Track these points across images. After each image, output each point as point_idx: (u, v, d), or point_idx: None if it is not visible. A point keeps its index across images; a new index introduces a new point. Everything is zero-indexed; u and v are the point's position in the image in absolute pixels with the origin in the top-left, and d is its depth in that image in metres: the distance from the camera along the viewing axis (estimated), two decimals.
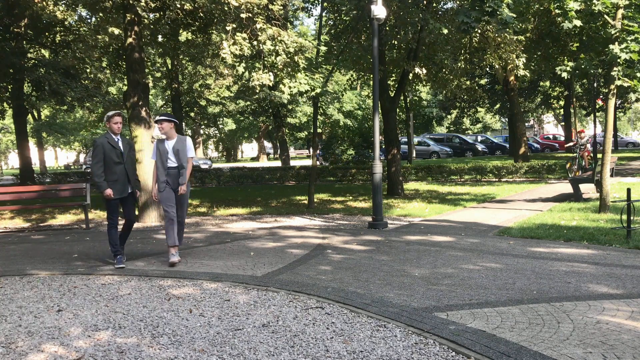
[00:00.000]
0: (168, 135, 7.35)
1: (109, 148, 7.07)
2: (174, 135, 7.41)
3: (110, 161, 7.07)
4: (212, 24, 15.07)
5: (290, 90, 10.76)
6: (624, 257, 6.87)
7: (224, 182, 23.94)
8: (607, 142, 10.68)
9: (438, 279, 5.97)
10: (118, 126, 7.17)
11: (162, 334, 4.44)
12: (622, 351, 3.71)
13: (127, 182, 7.26)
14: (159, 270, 6.93)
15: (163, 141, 7.36)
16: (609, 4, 9.68)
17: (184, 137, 7.43)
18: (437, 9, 15.80)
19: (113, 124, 7.16)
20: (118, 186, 7.15)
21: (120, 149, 7.17)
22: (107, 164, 7.06)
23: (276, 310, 4.99)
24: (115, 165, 7.10)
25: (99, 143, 7.10)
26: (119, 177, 7.15)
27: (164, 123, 7.32)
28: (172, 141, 7.34)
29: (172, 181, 7.24)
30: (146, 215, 12.19)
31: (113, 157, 7.08)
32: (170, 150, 7.27)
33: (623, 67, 10.15)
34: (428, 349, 3.94)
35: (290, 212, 13.25)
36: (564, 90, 39.28)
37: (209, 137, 61.38)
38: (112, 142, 7.14)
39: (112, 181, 7.08)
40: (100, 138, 7.18)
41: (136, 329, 4.57)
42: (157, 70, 28.30)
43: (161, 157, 7.28)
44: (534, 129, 73.16)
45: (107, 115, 7.22)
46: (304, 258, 7.46)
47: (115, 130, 7.16)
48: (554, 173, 20.25)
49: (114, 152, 7.10)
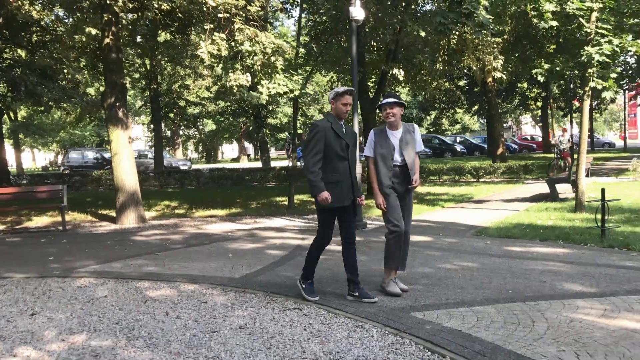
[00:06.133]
0: (394, 125, 5.47)
1: (332, 136, 5.14)
2: (400, 124, 5.53)
3: (333, 155, 5.15)
4: (191, 25, 15.00)
5: (268, 92, 10.75)
6: (598, 256, 6.97)
7: (204, 183, 23.80)
8: (583, 142, 10.82)
9: (415, 279, 6.01)
10: (348, 109, 5.24)
11: (138, 336, 4.41)
12: (595, 349, 3.77)
13: (351, 185, 5.29)
14: (136, 272, 6.87)
15: (384, 131, 5.49)
16: (583, 7, 9.82)
17: (411, 125, 5.60)
18: (416, 11, 15.90)
19: (341, 104, 5.20)
20: (340, 190, 5.18)
21: (346, 139, 5.23)
22: (328, 158, 5.14)
23: (253, 312, 4.98)
24: (338, 161, 5.18)
25: (321, 128, 5.14)
26: (342, 177, 5.21)
27: (395, 107, 5.41)
28: (397, 131, 5.47)
29: (399, 185, 5.44)
30: (124, 216, 12.08)
31: (337, 149, 5.15)
32: (397, 143, 5.42)
33: (598, 69, 10.30)
34: (404, 348, 3.96)
35: (270, 213, 13.23)
36: (542, 92, 39.79)
37: (189, 138, 61.05)
38: (338, 129, 5.20)
39: (332, 183, 5.14)
40: (322, 121, 5.23)
41: (111, 332, 4.53)
42: (136, 71, 28.07)
43: (383, 153, 5.40)
44: (512, 130, 73.92)
45: (335, 91, 5.26)
46: (283, 259, 7.45)
47: (343, 114, 5.24)
48: (531, 173, 20.48)
49: (339, 142, 5.17)
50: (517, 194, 15.30)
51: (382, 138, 5.44)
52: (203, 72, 28.94)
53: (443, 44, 15.99)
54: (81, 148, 41.98)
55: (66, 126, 42.17)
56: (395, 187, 5.40)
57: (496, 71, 15.58)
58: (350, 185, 5.25)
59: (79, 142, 53.81)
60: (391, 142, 5.39)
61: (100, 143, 53.01)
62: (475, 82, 31.55)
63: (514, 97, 45.44)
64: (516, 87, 40.76)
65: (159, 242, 9.50)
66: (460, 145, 43.63)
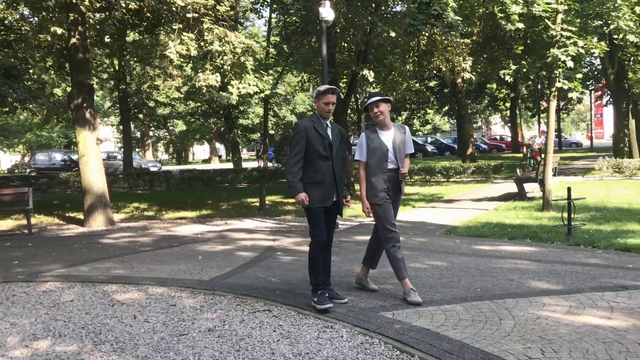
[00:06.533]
0: (384, 124, 5.22)
1: (314, 136, 5.04)
2: (390, 123, 5.29)
3: (315, 155, 5.02)
4: (160, 24, 14.85)
5: (238, 92, 10.69)
6: (564, 254, 7.09)
7: (174, 185, 23.56)
8: (549, 142, 11.01)
9: (385, 279, 6.03)
10: (330, 108, 5.11)
11: (105, 341, 4.33)
12: (559, 345, 3.83)
13: (334, 185, 5.13)
14: (103, 275, 6.76)
15: (375, 132, 5.24)
16: (549, 9, 10.00)
17: (402, 126, 5.38)
18: (386, 12, 15.99)
19: (323, 103, 5.09)
20: (322, 190, 5.05)
21: (329, 138, 5.10)
22: (310, 158, 5.02)
23: (223, 314, 4.94)
24: (321, 161, 5.05)
25: (302, 127, 5.06)
26: (325, 177, 5.07)
27: (381, 105, 5.16)
28: (389, 132, 5.22)
29: (392, 189, 5.21)
30: (92, 219, 11.88)
31: (319, 148, 5.03)
32: (390, 145, 5.16)
33: (563, 70, 10.50)
34: (373, 348, 3.97)
35: (241, 214, 13.15)
36: (510, 92, 40.39)
37: (159, 139, 60.37)
38: (320, 128, 5.09)
39: (314, 183, 5.02)
40: (304, 121, 5.16)
41: (77, 337, 4.44)
42: (104, 71, 27.68)
43: (376, 156, 5.14)
44: (482, 130, 74.86)
45: (317, 90, 5.17)
46: (253, 261, 7.41)
47: (325, 113, 5.12)
48: (500, 173, 20.76)
49: (321, 142, 5.06)
50: (486, 193, 15.50)
51: (374, 140, 5.17)
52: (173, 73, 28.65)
53: (413, 45, 16.11)
54: (48, 150, 41.23)
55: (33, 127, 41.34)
56: (389, 193, 5.17)
57: (465, 72, 15.74)
58: (334, 186, 5.09)
59: (46, 144, 52.81)
60: (384, 144, 5.14)
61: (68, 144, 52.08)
62: (445, 83, 31.86)
63: (483, 98, 46.06)
64: (485, 87, 41.32)
65: (127, 244, 9.37)
66: (431, 145, 44.08)
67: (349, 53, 17.18)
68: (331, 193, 5.08)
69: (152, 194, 20.31)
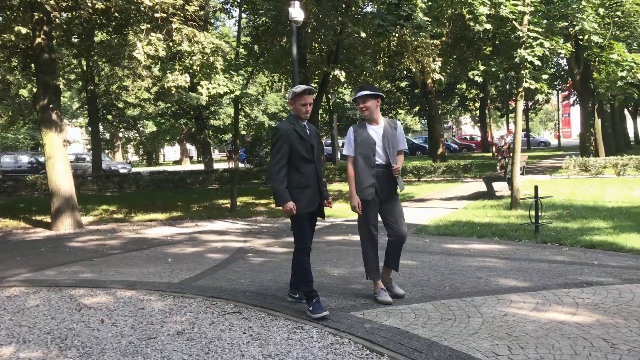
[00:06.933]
0: (372, 119, 5.08)
1: (296, 139, 4.83)
2: (380, 118, 5.14)
3: (298, 158, 4.83)
4: (128, 25, 14.65)
5: (208, 92, 10.61)
6: (532, 251, 7.20)
7: (144, 187, 23.26)
8: (517, 142, 11.18)
9: (356, 278, 6.05)
10: (308, 109, 4.93)
11: (71, 346, 4.26)
12: (526, 342, 3.88)
13: (318, 190, 4.96)
14: (70, 279, 6.64)
15: (364, 126, 5.09)
16: (516, 10, 10.15)
17: (393, 121, 5.22)
18: (356, 13, 16.05)
19: (300, 105, 4.89)
20: (308, 195, 4.87)
21: (311, 140, 4.92)
22: (294, 162, 4.83)
23: (192, 317, 4.90)
24: (304, 165, 4.86)
25: (284, 131, 4.82)
26: (310, 181, 4.90)
27: (369, 100, 5.01)
28: (378, 126, 5.06)
29: (380, 187, 5.01)
30: (59, 222, 11.67)
31: (302, 152, 4.85)
32: (379, 139, 5.01)
33: (530, 70, 10.68)
34: (343, 348, 3.98)
35: (211, 216, 13.06)
36: (480, 93, 40.91)
37: (129, 141, 59.56)
38: (301, 130, 4.89)
39: (301, 188, 4.83)
40: (284, 123, 4.93)
41: (42, 343, 4.36)
42: (72, 72, 27.20)
43: (363, 150, 4.99)
44: (453, 130, 75.69)
45: (292, 91, 4.96)
46: (223, 262, 7.36)
47: (303, 115, 4.93)
48: (470, 172, 21.00)
49: (304, 145, 4.87)
50: (456, 192, 15.66)
51: (362, 134, 5.01)
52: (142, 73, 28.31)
53: (384, 45, 16.21)
54: (14, 152, 40.33)
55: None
56: (377, 190, 4.98)
57: (435, 73, 15.89)
58: (318, 189, 4.94)
59: (12, 146, 51.66)
60: (371, 138, 4.97)
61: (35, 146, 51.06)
62: (416, 84, 32.15)
63: (453, 98, 46.55)
64: (455, 88, 41.76)
65: (95, 247, 9.23)
66: None
67: (320, 53, 17.20)
68: (317, 197, 4.93)
69: (122, 196, 20.03)
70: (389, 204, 5.08)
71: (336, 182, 21.83)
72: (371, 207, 5.02)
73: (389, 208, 5.09)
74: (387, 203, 5.07)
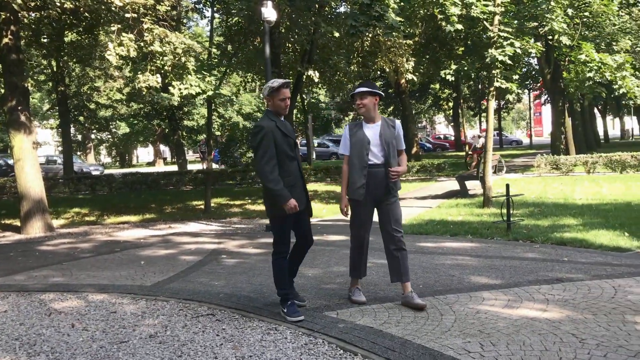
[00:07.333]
0: (369, 117, 4.87)
1: (279, 136, 4.63)
2: (378, 116, 4.94)
3: (283, 156, 4.64)
4: (99, 25, 14.46)
5: (180, 93, 10.53)
6: (504, 249, 7.29)
7: (117, 189, 22.96)
8: (488, 141, 11.31)
9: (330, 278, 6.05)
10: (287, 103, 4.76)
11: (40, 352, 4.18)
12: (498, 338, 3.92)
13: (303, 187, 4.84)
14: (40, 284, 6.52)
15: (360, 125, 4.90)
16: (486, 11, 10.27)
17: (392, 120, 5.01)
18: (329, 13, 16.07)
19: (279, 100, 4.70)
20: (297, 194, 4.70)
21: (293, 137, 4.80)
22: (279, 161, 4.61)
23: (165, 319, 4.85)
24: (289, 162, 4.69)
25: (268, 129, 4.59)
26: (296, 179, 4.75)
27: (366, 98, 4.82)
28: (375, 125, 4.86)
29: (373, 187, 4.80)
30: (29, 225, 11.45)
31: (286, 149, 4.66)
32: (375, 138, 4.81)
33: (501, 70, 10.82)
34: (317, 348, 3.97)
35: (185, 217, 12.95)
36: (453, 92, 41.27)
37: (101, 142, 58.78)
38: (283, 127, 4.70)
39: (289, 187, 4.61)
40: (265, 121, 4.66)
41: (10, 349, 4.27)
42: (41, 73, 26.74)
43: (358, 149, 4.81)
44: (427, 130, 76.27)
45: (269, 87, 4.71)
46: (197, 264, 7.30)
47: (283, 110, 4.76)
48: (443, 171, 21.19)
49: (287, 141, 4.68)
50: (430, 191, 15.78)
51: (357, 133, 4.82)
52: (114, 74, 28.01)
53: (357, 45, 16.26)
54: None
55: None
56: (371, 191, 4.78)
57: (408, 73, 16.00)
58: (303, 186, 4.81)
59: None
60: (366, 136, 4.78)
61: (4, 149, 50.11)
62: (390, 84, 32.32)
63: (427, 98, 46.93)
64: (429, 88, 42.09)
65: (66, 251, 9.08)
66: None
67: (294, 53, 17.18)
68: (303, 194, 4.80)
69: (94, 199, 19.75)
70: (384, 206, 4.88)
71: (311, 182, 21.83)
72: (362, 208, 4.86)
73: (384, 210, 4.90)
74: (383, 205, 4.88)
